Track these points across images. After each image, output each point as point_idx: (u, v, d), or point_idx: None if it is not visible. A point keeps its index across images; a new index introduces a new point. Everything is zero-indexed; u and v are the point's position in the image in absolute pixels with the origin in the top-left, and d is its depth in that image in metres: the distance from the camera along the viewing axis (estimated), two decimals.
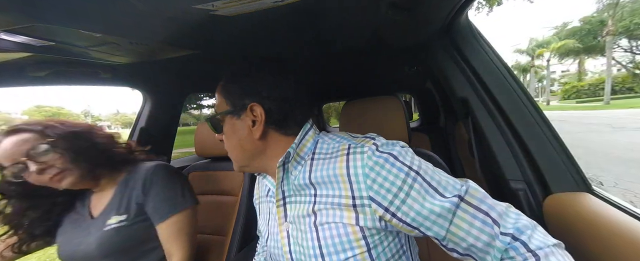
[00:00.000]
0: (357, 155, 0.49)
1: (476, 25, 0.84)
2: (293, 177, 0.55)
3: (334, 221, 0.48)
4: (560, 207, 0.64)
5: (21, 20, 0.52)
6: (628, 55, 25.91)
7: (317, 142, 0.57)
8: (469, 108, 0.84)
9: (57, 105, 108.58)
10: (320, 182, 0.51)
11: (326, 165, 0.52)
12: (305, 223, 0.51)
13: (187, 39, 0.76)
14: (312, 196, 0.52)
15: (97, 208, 0.81)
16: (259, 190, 0.68)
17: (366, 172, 0.47)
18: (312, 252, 0.50)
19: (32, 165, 0.68)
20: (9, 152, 0.68)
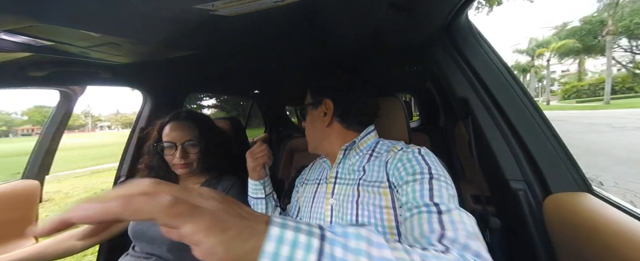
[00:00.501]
0: (400, 151, 0.64)
1: (476, 25, 0.84)
2: (350, 163, 0.69)
3: (373, 202, 0.60)
4: (560, 207, 0.64)
5: (21, 20, 0.52)
6: (628, 55, 25.92)
7: (378, 143, 0.72)
8: (469, 108, 0.84)
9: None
10: (369, 170, 0.65)
11: (378, 159, 0.66)
12: (348, 201, 0.63)
13: (187, 39, 0.76)
14: (358, 180, 0.65)
15: None
16: (309, 173, 0.85)
17: (397, 164, 0.60)
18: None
19: (179, 151, 0.88)
20: (176, 134, 0.89)
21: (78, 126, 79.23)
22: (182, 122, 0.93)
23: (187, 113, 0.97)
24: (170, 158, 0.89)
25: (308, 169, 0.88)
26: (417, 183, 0.54)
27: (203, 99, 10.55)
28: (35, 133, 66.84)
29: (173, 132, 0.90)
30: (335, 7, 0.65)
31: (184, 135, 0.90)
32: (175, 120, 0.94)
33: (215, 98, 10.51)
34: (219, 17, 0.60)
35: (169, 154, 0.89)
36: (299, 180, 0.87)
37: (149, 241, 0.85)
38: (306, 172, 0.88)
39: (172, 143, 0.89)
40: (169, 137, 0.90)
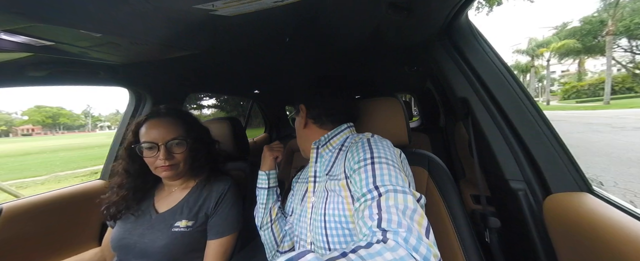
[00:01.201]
0: (356, 143, 0.65)
1: (476, 25, 0.84)
2: (323, 161, 0.73)
3: (334, 194, 0.63)
4: (560, 207, 0.64)
5: (21, 20, 0.52)
6: (628, 55, 25.90)
7: (347, 138, 0.75)
8: (469, 108, 0.84)
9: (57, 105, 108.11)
10: (335, 167, 0.68)
11: (343, 156, 0.67)
12: (321, 197, 0.66)
13: (187, 39, 0.76)
14: (326, 176, 0.69)
15: (162, 206, 0.85)
16: (302, 173, 0.86)
17: (349, 155, 0.63)
18: (319, 218, 0.63)
19: (162, 151, 0.78)
20: (157, 133, 0.80)
21: (78, 126, 79.33)
22: (163, 118, 0.83)
23: (167, 109, 0.88)
24: (152, 160, 0.79)
25: (303, 169, 0.90)
26: (361, 171, 0.56)
27: (203, 99, 10.56)
28: (35, 133, 66.84)
29: (153, 131, 0.80)
30: (335, 7, 0.65)
31: (167, 133, 0.80)
32: (154, 117, 0.83)
33: (215, 98, 10.51)
34: (219, 17, 0.60)
35: (150, 156, 0.79)
36: (295, 180, 0.89)
37: (138, 256, 0.78)
38: (302, 172, 0.90)
39: (152, 144, 0.78)
40: (148, 136, 0.79)
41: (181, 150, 0.82)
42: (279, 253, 0.83)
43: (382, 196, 0.49)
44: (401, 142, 0.86)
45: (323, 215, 0.62)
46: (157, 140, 0.79)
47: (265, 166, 0.88)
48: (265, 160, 0.89)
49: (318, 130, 0.78)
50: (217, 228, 0.84)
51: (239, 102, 9.22)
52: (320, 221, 0.62)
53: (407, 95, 3.75)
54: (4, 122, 69.00)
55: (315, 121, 0.78)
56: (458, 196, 0.76)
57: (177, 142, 0.81)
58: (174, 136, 0.81)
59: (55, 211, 1.05)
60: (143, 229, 0.80)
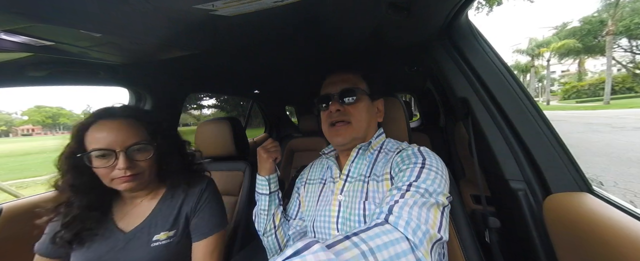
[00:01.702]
0: (401, 151, 0.66)
1: (476, 25, 0.84)
2: (362, 162, 0.72)
3: (380, 196, 0.62)
4: (560, 207, 0.64)
5: (21, 20, 0.52)
6: (628, 55, 25.90)
7: (385, 142, 0.77)
8: (469, 108, 0.84)
9: (57, 105, 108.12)
10: (377, 168, 0.68)
11: (385, 158, 0.70)
12: (356, 197, 0.65)
13: (187, 39, 0.76)
14: (367, 177, 0.68)
15: (129, 222, 0.73)
16: (310, 173, 0.85)
17: (397, 160, 0.64)
18: (357, 218, 0.62)
19: (121, 159, 0.65)
20: (112, 138, 0.65)
21: None
22: (119, 120, 0.68)
23: (124, 108, 0.73)
24: (106, 171, 0.65)
25: (308, 169, 0.88)
26: (407, 171, 0.57)
27: (203, 99, 10.57)
28: (35, 133, 66.85)
29: (108, 135, 0.65)
30: (335, 7, 0.65)
31: (127, 138, 0.66)
32: (107, 118, 0.67)
33: (215, 98, 10.52)
34: (219, 17, 0.60)
35: (103, 166, 0.64)
36: (300, 181, 0.87)
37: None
38: (306, 172, 0.88)
39: (108, 151, 0.64)
40: (101, 142, 0.64)
41: (145, 157, 0.69)
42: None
43: (409, 192, 0.51)
44: (401, 141, 0.86)
45: (363, 215, 0.61)
46: (114, 146, 0.65)
47: (264, 170, 0.82)
48: (263, 163, 0.82)
49: (375, 128, 0.78)
50: (202, 230, 0.77)
51: (239, 102, 9.22)
52: (358, 222, 0.61)
53: (407, 95, 3.75)
54: (4, 122, 69.02)
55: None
56: (458, 197, 0.77)
57: (140, 148, 0.68)
58: (135, 141, 0.68)
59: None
60: (114, 253, 0.68)
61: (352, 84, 0.74)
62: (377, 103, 0.78)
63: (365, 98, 0.73)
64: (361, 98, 0.72)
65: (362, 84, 0.75)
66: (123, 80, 1.16)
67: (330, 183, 0.75)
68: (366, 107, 0.73)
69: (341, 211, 0.66)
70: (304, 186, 0.84)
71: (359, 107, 0.72)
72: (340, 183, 0.70)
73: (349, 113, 0.71)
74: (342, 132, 0.71)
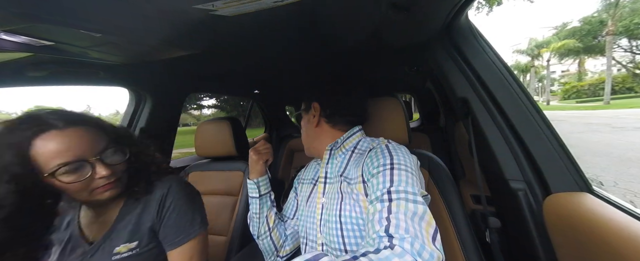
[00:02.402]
0: (372, 151, 0.66)
1: (476, 25, 0.84)
2: (336, 163, 0.73)
3: (352, 197, 0.63)
4: (560, 207, 0.64)
5: (21, 20, 0.52)
6: (628, 55, 25.90)
7: (360, 141, 0.75)
8: (469, 108, 0.84)
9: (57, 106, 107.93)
10: (351, 168, 0.68)
11: (359, 159, 0.68)
12: (334, 197, 0.66)
13: (187, 39, 0.76)
14: (340, 177, 0.69)
15: (94, 231, 0.67)
16: (305, 173, 0.86)
17: (368, 160, 0.64)
18: (335, 219, 0.63)
19: (100, 167, 0.58)
20: (79, 147, 0.56)
21: None
22: (77, 128, 0.58)
23: (69, 115, 0.60)
24: (83, 185, 0.57)
25: (304, 169, 0.89)
26: (379, 176, 0.57)
27: (203, 99, 10.57)
28: None
29: (73, 145, 0.56)
30: (335, 7, 0.65)
31: (94, 144, 0.59)
32: (61, 127, 0.56)
33: (215, 98, 10.51)
34: (219, 17, 0.60)
35: (80, 180, 0.56)
36: (297, 180, 0.89)
37: None
38: (303, 172, 0.89)
39: (80, 162, 0.56)
40: (67, 155, 0.55)
41: (121, 159, 0.64)
42: (279, 258, 0.81)
43: (393, 202, 0.51)
44: (401, 142, 0.86)
45: (338, 216, 0.63)
46: (85, 155, 0.57)
47: (254, 173, 0.82)
48: (254, 166, 0.82)
49: (330, 130, 0.77)
50: (171, 239, 0.68)
51: (239, 102, 9.22)
52: (335, 223, 0.63)
53: (407, 95, 3.75)
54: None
55: (328, 120, 0.77)
56: (458, 197, 0.77)
57: (114, 150, 0.63)
58: (105, 145, 0.61)
59: None
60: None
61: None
62: (311, 112, 0.79)
63: (304, 116, 0.83)
64: (302, 119, 0.84)
65: (305, 106, 0.83)
66: (123, 80, 1.16)
67: (317, 185, 0.76)
68: (304, 123, 0.83)
69: (323, 214, 0.67)
70: (300, 185, 0.85)
71: (302, 127, 0.84)
72: (321, 186, 0.72)
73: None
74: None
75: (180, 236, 0.68)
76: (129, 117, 1.32)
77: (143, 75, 1.16)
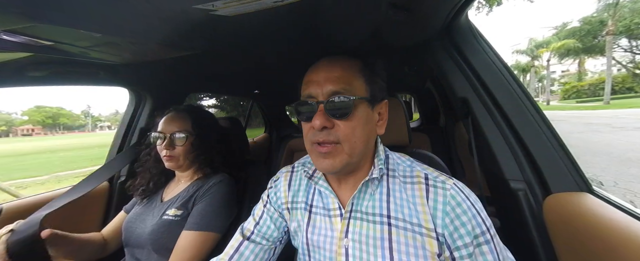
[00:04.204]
0: (438, 190, 0.50)
1: (476, 25, 0.84)
2: (371, 191, 0.54)
3: (415, 252, 0.47)
4: (560, 207, 0.64)
5: (21, 20, 0.52)
6: (628, 55, 25.90)
7: (388, 157, 0.57)
8: (469, 108, 0.84)
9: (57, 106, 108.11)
10: (398, 204, 0.51)
11: (402, 189, 0.52)
12: (376, 246, 0.49)
13: (186, 39, 0.76)
14: (386, 218, 0.51)
15: (168, 195, 0.92)
16: (289, 194, 0.63)
17: (447, 210, 0.48)
18: None
19: (166, 141, 0.86)
20: (165, 126, 0.89)
21: (78, 126, 79.30)
22: (178, 113, 0.93)
23: (186, 106, 0.98)
24: (160, 149, 0.88)
25: (283, 186, 0.65)
26: (480, 255, 0.46)
27: (203, 99, 10.56)
28: (35, 133, 66.83)
29: (165, 123, 0.90)
30: (335, 7, 0.65)
31: (174, 126, 0.89)
32: (172, 111, 0.94)
33: (215, 98, 10.51)
34: (219, 17, 0.60)
35: (159, 145, 0.88)
36: (280, 205, 0.65)
37: (135, 240, 0.83)
38: (281, 189, 0.65)
39: (161, 134, 0.88)
40: (160, 127, 0.89)
41: (182, 143, 0.88)
42: None
43: None
44: (401, 142, 0.86)
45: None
46: (165, 131, 0.88)
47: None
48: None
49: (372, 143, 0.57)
50: (194, 220, 0.80)
51: (239, 102, 9.22)
52: None
53: (407, 95, 3.75)
54: (4, 122, 69.02)
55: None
56: None
57: (180, 135, 0.88)
58: (178, 129, 0.89)
59: (56, 211, 1.05)
60: (145, 215, 0.87)
61: (345, 85, 0.51)
62: (378, 108, 0.56)
63: (363, 108, 0.52)
64: (358, 109, 0.51)
65: (359, 84, 0.53)
66: (123, 80, 1.15)
67: (325, 217, 0.57)
68: (364, 120, 0.52)
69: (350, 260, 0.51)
70: (288, 211, 0.63)
71: (354, 122, 0.50)
72: (342, 223, 0.53)
73: (340, 132, 0.50)
74: (331, 156, 0.51)
75: (199, 224, 0.80)
76: (129, 117, 1.32)
77: (143, 75, 1.16)
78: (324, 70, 0.54)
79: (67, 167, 8.82)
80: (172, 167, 0.89)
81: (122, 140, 1.29)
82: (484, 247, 0.46)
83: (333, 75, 0.52)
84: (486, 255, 0.46)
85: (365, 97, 0.52)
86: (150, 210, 0.88)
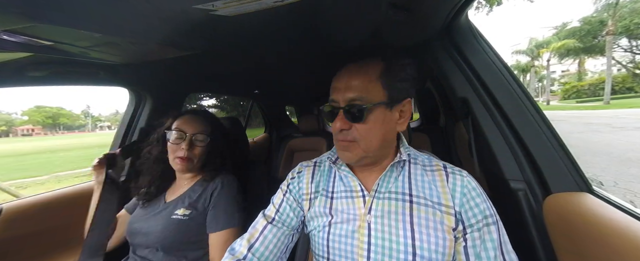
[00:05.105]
0: (456, 175, 0.59)
1: (476, 25, 0.84)
2: (395, 175, 0.61)
3: (434, 226, 0.54)
4: (560, 207, 0.64)
5: (21, 20, 0.52)
6: (628, 55, 25.90)
7: (409, 149, 0.65)
8: (469, 108, 0.84)
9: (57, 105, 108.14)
10: (420, 185, 0.59)
11: (423, 173, 0.60)
12: (398, 220, 0.56)
13: (186, 39, 0.76)
14: (408, 195, 0.58)
15: (171, 196, 0.94)
16: (311, 185, 0.68)
17: (464, 191, 0.56)
18: (403, 248, 0.53)
19: (186, 141, 0.88)
20: (186, 125, 0.90)
21: (78, 126, 79.30)
22: (196, 115, 0.95)
23: (203, 110, 1.01)
24: (175, 148, 0.88)
25: (307, 178, 0.70)
26: (487, 233, 0.54)
27: (203, 99, 10.55)
28: (35, 133, 66.83)
29: (186, 123, 0.91)
30: (335, 7, 0.65)
31: (196, 127, 0.91)
32: (191, 113, 0.95)
33: (215, 98, 10.51)
34: (219, 17, 0.60)
35: (175, 144, 0.88)
36: (301, 196, 0.69)
37: (142, 240, 0.85)
38: (305, 181, 0.70)
39: (182, 133, 0.89)
40: (180, 126, 0.90)
41: (203, 145, 0.91)
42: None
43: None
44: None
45: (412, 246, 0.53)
46: (187, 130, 0.89)
47: None
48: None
49: (396, 136, 0.64)
50: (215, 223, 0.86)
51: (239, 102, 9.22)
52: (405, 253, 0.52)
53: None
54: (4, 122, 69.02)
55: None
56: None
57: (202, 137, 0.91)
58: (201, 130, 0.91)
59: (56, 211, 1.05)
60: (150, 216, 0.88)
61: (361, 93, 0.56)
62: (399, 107, 0.60)
63: (380, 111, 0.57)
64: (374, 113, 0.56)
65: (377, 90, 0.57)
66: (123, 80, 1.15)
67: (347, 199, 0.62)
68: (381, 122, 0.57)
69: (373, 237, 0.56)
70: (309, 200, 0.67)
71: (370, 124, 0.57)
72: (366, 201, 0.59)
73: (356, 133, 0.58)
74: (350, 149, 0.59)
75: (221, 223, 0.86)
76: (129, 117, 1.32)
77: (143, 75, 1.16)
78: (346, 77, 0.60)
79: (67, 166, 8.83)
80: (183, 168, 0.89)
81: (122, 140, 1.29)
82: (491, 227, 0.54)
83: (352, 83, 0.58)
84: (492, 234, 0.54)
85: (382, 102, 0.57)
86: (155, 211, 0.89)
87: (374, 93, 0.57)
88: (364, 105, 0.56)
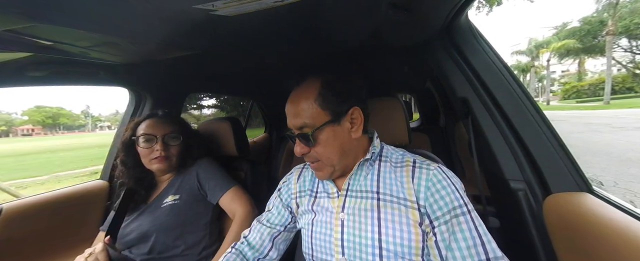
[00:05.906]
0: (423, 170, 0.59)
1: (476, 25, 0.84)
2: (364, 174, 0.63)
3: (399, 220, 0.56)
4: (560, 207, 0.64)
5: (21, 20, 0.52)
6: (628, 55, 25.89)
7: (383, 147, 0.67)
8: (469, 108, 0.84)
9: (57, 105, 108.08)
10: (387, 183, 0.60)
11: (392, 170, 0.62)
12: (367, 217, 0.58)
13: (186, 39, 0.76)
14: (376, 193, 0.60)
15: (152, 196, 0.97)
16: (297, 186, 0.74)
17: (428, 185, 0.56)
18: (371, 243, 0.56)
19: (159, 143, 0.90)
20: (155, 128, 0.92)
21: (78, 126, 79.25)
22: (161, 118, 0.97)
23: (164, 112, 1.03)
24: (147, 152, 0.90)
25: (294, 179, 0.76)
26: (462, 222, 0.53)
27: (203, 99, 10.54)
28: (35, 133, 66.80)
29: (152, 127, 0.92)
30: (335, 7, 0.65)
31: (165, 128, 0.93)
32: (153, 117, 0.97)
33: (215, 98, 10.50)
34: (219, 17, 0.60)
35: (147, 148, 0.90)
36: (287, 193, 0.75)
37: (138, 240, 0.87)
38: (292, 181, 0.76)
39: (151, 136, 0.90)
40: (147, 130, 0.91)
41: (176, 143, 0.94)
42: None
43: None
44: (401, 142, 0.86)
45: (378, 240, 0.55)
46: (156, 133, 0.91)
47: None
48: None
49: (362, 138, 0.64)
50: (217, 191, 0.93)
51: (239, 102, 9.22)
52: (371, 247, 0.56)
53: (407, 95, 3.75)
54: (4, 122, 68.98)
55: (365, 126, 0.64)
56: None
57: (174, 136, 0.94)
58: (170, 130, 0.94)
59: (55, 211, 1.05)
60: (139, 217, 0.91)
61: (305, 119, 0.59)
62: (348, 117, 0.60)
63: (327, 130, 0.59)
64: (322, 134, 0.59)
65: (317, 112, 0.59)
66: (123, 80, 1.15)
67: (326, 198, 0.66)
68: (332, 139, 0.60)
69: (345, 233, 0.59)
70: (296, 200, 0.73)
71: (322, 145, 0.60)
72: (341, 200, 0.63)
73: (316, 154, 0.61)
74: (320, 169, 0.63)
75: (222, 187, 0.94)
76: (129, 117, 1.32)
77: (143, 75, 1.16)
78: (290, 104, 0.63)
79: (67, 166, 8.82)
80: (162, 167, 0.92)
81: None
82: (461, 218, 0.53)
83: (297, 109, 0.61)
84: (462, 225, 0.53)
85: (326, 122, 0.59)
86: (144, 212, 0.91)
87: (316, 115, 0.59)
88: (310, 130, 0.59)
